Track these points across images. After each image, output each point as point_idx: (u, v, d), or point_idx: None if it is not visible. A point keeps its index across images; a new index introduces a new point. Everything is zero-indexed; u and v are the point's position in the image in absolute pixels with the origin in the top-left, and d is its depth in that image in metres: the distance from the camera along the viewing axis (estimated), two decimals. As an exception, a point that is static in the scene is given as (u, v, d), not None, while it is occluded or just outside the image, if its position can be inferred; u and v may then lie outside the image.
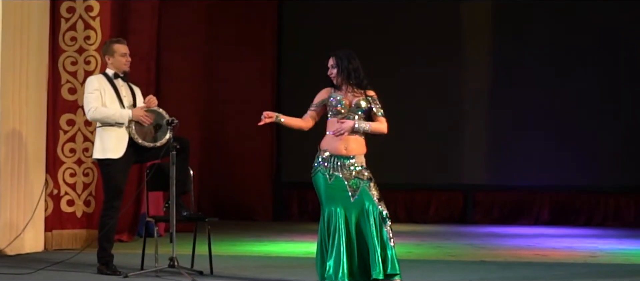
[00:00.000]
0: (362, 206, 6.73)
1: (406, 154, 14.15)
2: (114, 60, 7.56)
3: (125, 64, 7.57)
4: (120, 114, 7.37)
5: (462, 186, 14.35)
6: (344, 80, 6.86)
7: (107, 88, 7.49)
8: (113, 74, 7.56)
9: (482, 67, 14.41)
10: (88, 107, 7.46)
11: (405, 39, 14.28)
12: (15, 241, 8.89)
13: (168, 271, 7.32)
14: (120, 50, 7.57)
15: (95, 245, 7.81)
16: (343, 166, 6.80)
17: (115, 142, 7.38)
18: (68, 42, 9.55)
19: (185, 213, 7.47)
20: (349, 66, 6.85)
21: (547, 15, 14.15)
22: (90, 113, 7.45)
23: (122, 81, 7.58)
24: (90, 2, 9.57)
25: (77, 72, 9.55)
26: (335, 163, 6.80)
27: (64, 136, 9.54)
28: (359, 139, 6.85)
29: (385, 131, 6.88)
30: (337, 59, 6.87)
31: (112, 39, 7.76)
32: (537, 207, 14.21)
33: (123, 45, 7.60)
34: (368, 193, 6.76)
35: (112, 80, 7.54)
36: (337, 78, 6.87)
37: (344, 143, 6.80)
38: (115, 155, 7.36)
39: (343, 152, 6.81)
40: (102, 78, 7.57)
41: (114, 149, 7.38)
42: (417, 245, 10.68)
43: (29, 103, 9.14)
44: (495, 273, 8.18)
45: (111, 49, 7.58)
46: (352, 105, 6.83)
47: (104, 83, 7.51)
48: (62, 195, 9.53)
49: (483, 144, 14.34)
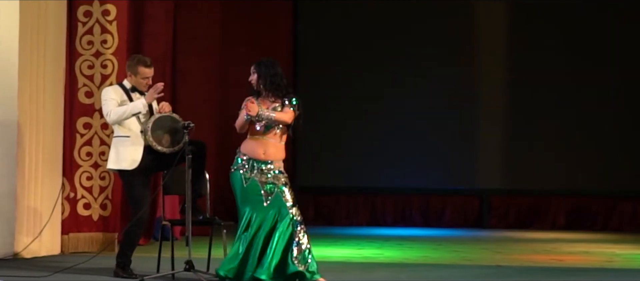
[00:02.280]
0: (273, 210, 6.95)
1: (422, 158, 14.13)
2: (134, 80, 7.55)
3: (145, 86, 7.56)
4: (133, 105, 7.37)
5: (478, 190, 14.33)
6: (263, 86, 7.03)
7: (122, 98, 7.49)
8: (130, 88, 7.57)
9: (497, 71, 14.38)
10: (105, 112, 7.46)
11: (420, 42, 14.27)
12: (32, 244, 8.92)
13: (184, 275, 7.32)
14: (144, 74, 7.54)
15: (111, 248, 7.82)
16: (260, 170, 6.99)
17: (129, 153, 7.37)
18: (85, 45, 9.57)
19: (201, 216, 7.46)
20: (266, 73, 7.02)
21: (563, 17, 14.12)
22: (109, 118, 7.45)
23: (139, 94, 7.57)
24: (107, 6, 9.59)
25: (93, 76, 9.57)
26: (253, 166, 7.00)
27: (81, 139, 9.56)
28: (277, 145, 7.06)
29: (288, 120, 7.02)
30: (256, 67, 7.09)
31: (140, 59, 7.65)
32: (553, 211, 14.18)
33: (149, 70, 7.54)
34: (281, 199, 6.95)
35: (129, 93, 7.54)
36: (256, 84, 7.07)
37: (262, 148, 7.02)
38: (130, 166, 7.36)
39: (261, 156, 7.01)
40: (118, 89, 7.57)
41: (128, 160, 7.37)
42: (433, 249, 10.67)
43: (46, 106, 9.17)
44: (511, 278, 8.15)
45: (136, 70, 7.55)
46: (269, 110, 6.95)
47: (119, 94, 7.52)
48: (79, 198, 9.56)
49: (499, 148, 14.31)
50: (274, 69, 7.04)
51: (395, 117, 14.25)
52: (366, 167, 14.35)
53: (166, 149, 7.36)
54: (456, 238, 12.44)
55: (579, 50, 14.08)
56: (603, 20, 14.06)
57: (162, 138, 7.36)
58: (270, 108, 7.00)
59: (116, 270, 7.53)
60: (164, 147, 7.35)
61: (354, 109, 14.38)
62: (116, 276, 7.50)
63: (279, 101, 7.02)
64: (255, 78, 7.05)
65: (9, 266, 8.23)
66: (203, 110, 11.97)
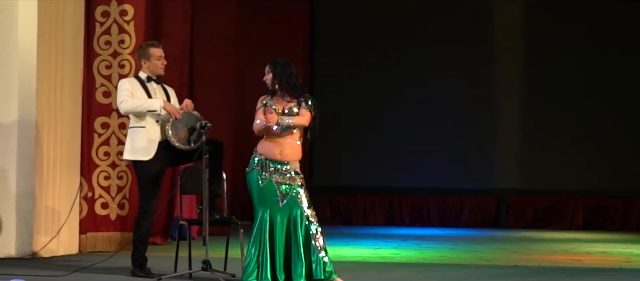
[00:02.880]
0: (289, 212, 6.91)
1: (439, 158, 14.12)
2: (150, 64, 7.56)
3: (161, 68, 7.58)
4: (150, 102, 7.38)
5: (495, 190, 14.30)
6: (278, 86, 6.99)
7: (138, 90, 7.49)
8: (146, 77, 7.57)
9: (515, 70, 14.36)
10: (120, 100, 7.46)
11: (437, 42, 14.26)
12: (50, 243, 8.96)
13: (201, 274, 7.33)
14: (156, 54, 7.57)
15: (129, 247, 7.85)
16: (276, 171, 6.94)
17: (145, 143, 7.39)
18: (103, 45, 9.61)
19: (218, 216, 7.47)
20: (282, 73, 6.98)
21: (580, 17, 14.07)
22: (122, 106, 7.45)
23: (156, 84, 7.59)
24: (125, 6, 9.62)
25: (111, 76, 9.61)
26: (269, 167, 6.95)
27: (99, 139, 9.60)
28: (294, 145, 7.00)
29: (305, 123, 6.98)
30: (272, 66, 7.05)
31: (147, 43, 7.73)
32: (571, 211, 14.14)
33: (158, 49, 7.59)
34: (296, 200, 6.92)
35: (145, 84, 7.55)
36: (271, 84, 7.02)
37: (279, 148, 6.97)
38: (145, 156, 7.37)
39: (278, 157, 6.96)
40: (134, 81, 7.58)
41: (143, 150, 7.39)
42: (451, 249, 10.64)
43: (64, 106, 9.21)
44: (529, 278, 8.12)
45: (147, 53, 7.57)
46: (285, 112, 6.94)
47: (135, 85, 7.52)
48: (97, 197, 9.60)
49: (516, 148, 14.29)
50: (289, 69, 7.01)
51: (413, 116, 14.24)
52: (383, 166, 14.34)
53: (182, 146, 7.37)
54: (473, 238, 12.41)
55: (596, 50, 14.04)
56: (620, 19, 14.00)
57: (180, 134, 7.38)
58: (286, 108, 6.97)
59: (133, 269, 7.55)
60: (181, 143, 7.36)
61: (370, 109, 14.37)
62: (134, 275, 7.51)
63: (295, 101, 6.97)
64: (271, 78, 7.02)
65: (27, 265, 8.27)
66: (220, 109, 11.99)
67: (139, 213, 7.52)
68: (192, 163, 7.55)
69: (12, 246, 8.79)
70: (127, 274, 7.60)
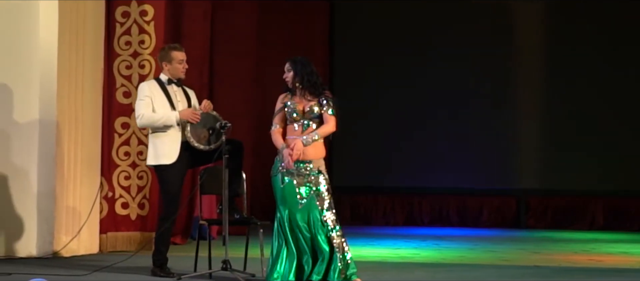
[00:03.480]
0: (307, 213, 6.84)
1: (459, 158, 14.09)
2: (171, 67, 7.56)
3: (182, 71, 7.58)
4: (167, 117, 7.39)
5: (515, 190, 14.26)
6: (298, 84, 6.94)
7: (157, 94, 7.50)
8: (167, 80, 7.58)
9: (535, 70, 14.31)
10: (137, 113, 7.49)
11: (456, 43, 14.23)
12: (71, 243, 9.00)
13: (221, 274, 7.35)
14: (178, 57, 7.56)
15: (149, 247, 7.87)
16: (299, 170, 6.87)
17: (168, 147, 7.41)
18: (123, 46, 9.65)
19: (238, 216, 7.48)
20: (303, 71, 6.92)
21: (601, 16, 14.01)
22: (139, 121, 7.49)
23: (177, 86, 7.60)
24: (145, 7, 9.65)
25: (131, 76, 9.64)
26: (292, 167, 6.85)
27: (119, 139, 9.64)
28: (316, 144, 6.92)
29: (332, 130, 6.93)
30: (292, 64, 6.98)
31: (170, 45, 7.72)
32: (592, 211, 14.08)
33: (181, 52, 7.58)
34: (315, 202, 6.84)
35: (165, 86, 7.56)
36: (292, 83, 6.96)
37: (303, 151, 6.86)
38: (169, 160, 7.39)
39: (301, 157, 6.84)
40: (154, 84, 7.58)
41: (167, 154, 7.41)
42: (470, 249, 10.63)
43: (84, 106, 9.25)
44: (549, 278, 8.10)
45: (169, 56, 7.57)
46: (305, 111, 6.89)
47: (155, 89, 7.53)
48: (117, 197, 9.63)
49: (536, 148, 14.24)
50: (310, 67, 6.96)
51: (432, 116, 14.22)
52: (403, 166, 14.33)
53: (203, 146, 7.39)
54: (493, 238, 12.39)
55: (616, 50, 13.97)
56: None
57: (200, 135, 7.39)
58: (306, 107, 6.92)
59: (154, 269, 7.57)
60: (201, 144, 7.38)
61: (390, 109, 14.36)
62: (154, 275, 7.54)
63: (315, 100, 6.91)
64: (291, 76, 6.96)
65: (48, 265, 8.31)
66: (239, 110, 12.00)
67: (162, 214, 7.55)
68: (212, 163, 7.56)
69: (34, 246, 8.84)
70: (147, 273, 7.62)
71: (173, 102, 7.50)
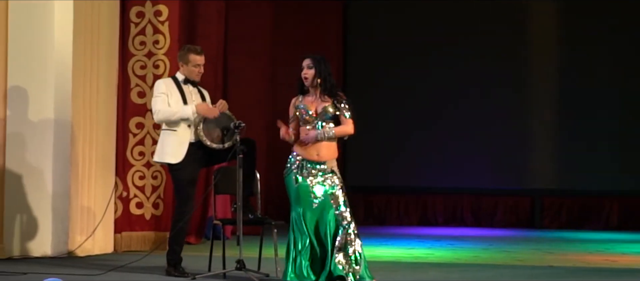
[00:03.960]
0: (321, 213, 6.83)
1: (473, 158, 14.07)
2: (186, 69, 7.59)
3: (197, 75, 7.60)
4: (183, 111, 7.41)
5: (530, 190, 14.22)
6: (318, 84, 6.89)
7: (173, 92, 7.53)
8: (183, 79, 7.60)
9: (550, 70, 14.28)
10: (154, 109, 7.51)
11: (471, 42, 14.21)
12: (86, 242, 9.03)
13: (235, 274, 7.36)
14: (195, 61, 7.58)
15: (164, 246, 7.89)
16: (313, 171, 6.87)
17: (174, 146, 7.42)
18: (137, 46, 9.67)
19: (252, 216, 7.49)
20: (325, 70, 6.89)
21: (616, 15, 13.96)
22: (156, 116, 7.52)
23: (192, 86, 7.62)
24: (159, 7, 9.68)
25: (146, 76, 9.67)
26: (306, 167, 6.89)
27: (133, 139, 9.66)
28: (330, 145, 6.92)
29: (350, 132, 6.93)
30: (315, 62, 6.90)
31: (190, 47, 7.72)
32: (606, 211, 14.03)
33: (200, 57, 7.60)
34: (329, 202, 6.83)
35: (180, 85, 7.58)
36: (312, 81, 6.89)
37: (315, 150, 6.88)
38: (174, 159, 7.40)
39: (315, 158, 6.89)
40: (170, 82, 7.61)
41: (172, 154, 7.42)
42: (484, 249, 10.61)
43: (99, 106, 9.28)
44: (563, 278, 8.09)
45: (187, 58, 7.59)
46: (318, 113, 6.87)
47: (171, 86, 7.56)
48: (131, 197, 9.66)
49: (551, 148, 14.20)
50: (329, 67, 6.96)
51: (446, 116, 14.20)
52: (417, 166, 14.32)
53: (215, 145, 7.40)
54: (507, 238, 12.36)
55: (631, 50, 13.92)
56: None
57: (213, 133, 7.41)
58: (318, 108, 6.89)
59: (168, 268, 7.59)
60: (213, 142, 7.40)
61: (404, 109, 14.35)
62: (168, 275, 7.55)
63: (329, 101, 6.91)
64: (313, 73, 6.85)
65: (63, 264, 8.34)
66: (253, 110, 12.01)
67: (176, 214, 7.57)
68: (226, 163, 7.57)
69: (48, 246, 8.87)
70: (161, 273, 7.64)
71: (188, 101, 7.52)
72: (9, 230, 8.78)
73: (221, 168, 7.80)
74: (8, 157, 8.79)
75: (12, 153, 8.81)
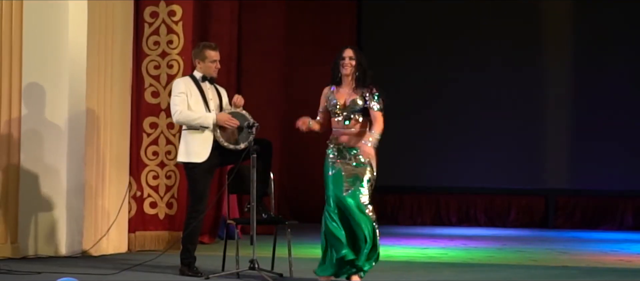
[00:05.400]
0: (349, 203, 6.86)
1: (486, 158, 14.03)
2: (203, 66, 7.63)
3: (214, 71, 7.65)
4: (204, 118, 7.44)
5: (544, 190, 14.17)
6: (357, 78, 6.97)
7: (193, 91, 7.56)
8: (201, 77, 7.63)
9: (564, 69, 14.22)
10: (174, 109, 7.55)
11: (484, 41, 14.17)
12: (100, 242, 9.05)
13: (248, 273, 7.37)
14: (211, 57, 7.63)
15: (177, 246, 7.91)
16: (346, 156, 6.93)
17: (200, 146, 7.45)
18: (151, 46, 9.69)
19: (266, 215, 7.50)
20: (366, 64, 7.02)
21: (629, 18, 13.91)
22: (175, 117, 7.56)
23: (209, 84, 7.65)
24: (173, 7, 9.69)
25: (159, 76, 9.69)
26: (342, 153, 6.95)
27: (147, 139, 9.68)
28: (361, 134, 7.00)
29: (382, 127, 7.01)
30: (357, 53, 7.01)
31: (205, 44, 7.78)
32: (621, 211, 13.97)
33: (215, 52, 7.64)
34: (357, 195, 6.87)
35: (199, 83, 7.61)
36: (352, 72, 6.97)
37: (347, 137, 6.98)
38: (200, 159, 7.44)
39: (347, 143, 6.94)
40: (189, 81, 7.64)
41: (198, 153, 7.45)
42: (498, 249, 10.60)
43: (113, 106, 9.30)
44: (577, 278, 8.07)
45: (203, 54, 7.64)
46: (346, 105, 6.94)
47: (190, 86, 7.59)
48: (145, 197, 9.68)
49: (565, 148, 14.15)
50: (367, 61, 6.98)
51: (460, 116, 14.17)
52: (430, 166, 14.29)
53: (231, 145, 7.42)
54: (521, 238, 12.33)
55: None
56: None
57: (229, 134, 7.43)
58: (347, 101, 6.92)
59: (182, 268, 7.61)
60: (229, 142, 7.42)
61: (417, 108, 14.32)
62: (182, 274, 7.57)
63: (359, 92, 6.94)
64: (355, 64, 6.95)
65: (77, 263, 8.37)
66: (267, 109, 12.02)
67: (189, 213, 7.59)
68: (240, 162, 7.59)
69: (63, 245, 8.90)
70: (175, 273, 7.66)
71: (206, 99, 7.54)
72: (23, 230, 8.81)
73: (235, 168, 7.82)
74: (23, 156, 8.82)
75: (28, 152, 8.84)
